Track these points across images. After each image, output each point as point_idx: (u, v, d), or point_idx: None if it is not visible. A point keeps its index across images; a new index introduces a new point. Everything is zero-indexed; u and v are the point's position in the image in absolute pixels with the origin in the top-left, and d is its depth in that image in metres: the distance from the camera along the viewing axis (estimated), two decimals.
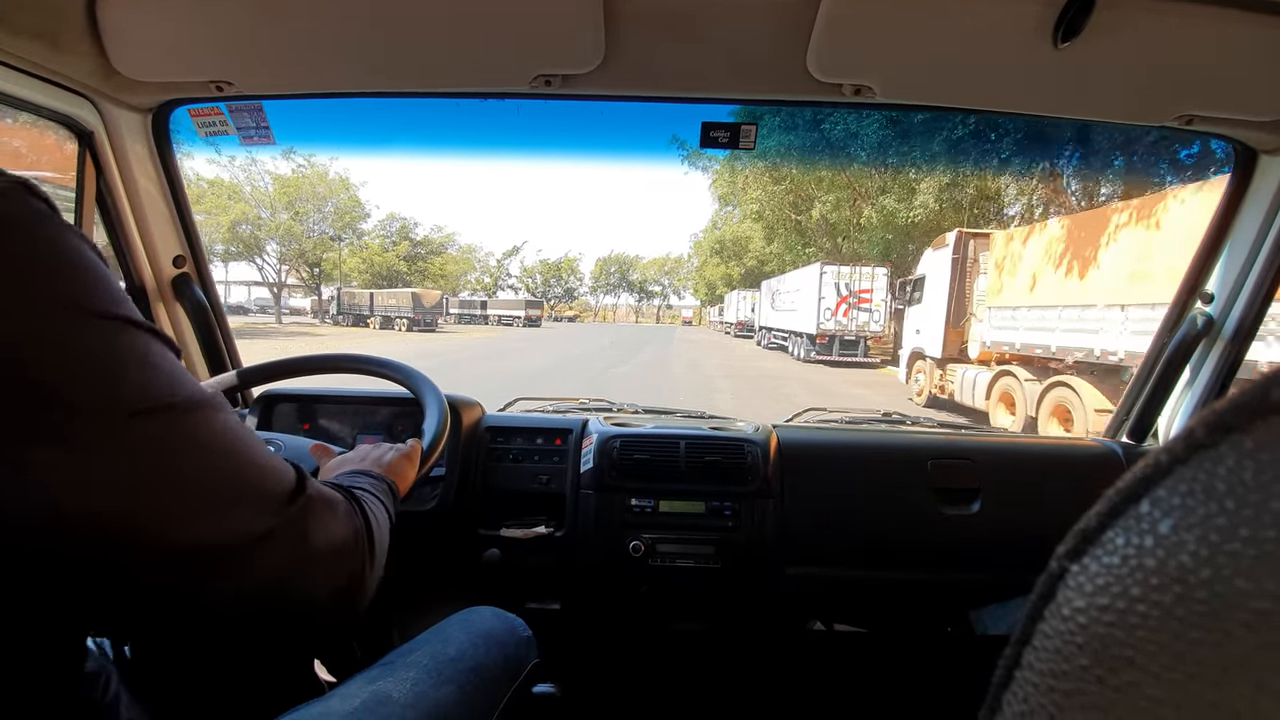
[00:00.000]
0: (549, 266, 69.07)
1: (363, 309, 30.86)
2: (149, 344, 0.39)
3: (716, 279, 43.51)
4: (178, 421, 0.38)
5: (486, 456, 1.36)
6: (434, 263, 44.90)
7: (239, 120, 1.20)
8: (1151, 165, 10.95)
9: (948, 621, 1.57)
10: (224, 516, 0.40)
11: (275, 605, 0.45)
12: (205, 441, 0.40)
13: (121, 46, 0.99)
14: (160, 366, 0.39)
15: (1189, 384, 1.38)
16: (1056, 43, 0.89)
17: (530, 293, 65.49)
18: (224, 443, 0.41)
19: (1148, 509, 0.16)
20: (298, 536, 0.45)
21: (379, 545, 0.57)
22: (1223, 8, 0.87)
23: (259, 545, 0.42)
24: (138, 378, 0.37)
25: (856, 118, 13.46)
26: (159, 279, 1.32)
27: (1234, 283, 1.27)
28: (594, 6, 0.91)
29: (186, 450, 0.39)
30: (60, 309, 0.35)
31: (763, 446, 1.35)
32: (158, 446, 0.37)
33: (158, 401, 0.37)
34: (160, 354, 0.39)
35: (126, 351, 0.37)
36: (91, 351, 0.35)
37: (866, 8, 0.90)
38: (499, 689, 0.81)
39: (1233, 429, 0.14)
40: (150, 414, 0.37)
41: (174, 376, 0.40)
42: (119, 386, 0.36)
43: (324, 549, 0.47)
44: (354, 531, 0.52)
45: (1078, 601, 0.17)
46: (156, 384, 0.38)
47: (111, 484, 0.35)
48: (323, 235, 34.75)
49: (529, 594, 1.38)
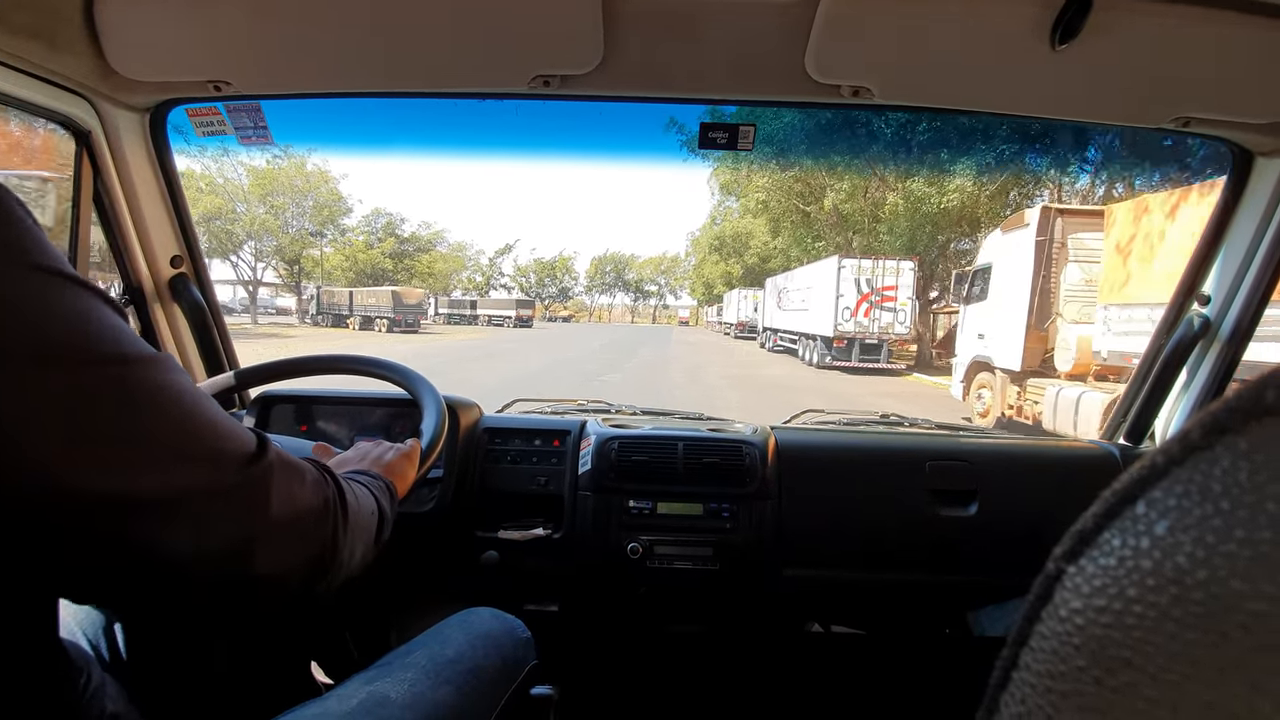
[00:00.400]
0: (544, 265, 67.62)
1: (342, 308, 29.12)
2: (91, 301, 0.39)
3: (715, 277, 42.34)
4: (123, 374, 0.39)
5: (484, 458, 1.36)
6: (421, 260, 43.58)
7: (237, 120, 1.20)
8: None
9: (946, 623, 1.57)
10: (169, 470, 0.40)
11: (241, 570, 0.45)
12: (150, 395, 0.40)
13: (119, 46, 0.99)
14: (105, 322, 0.39)
15: (1186, 385, 1.38)
16: (1054, 45, 0.90)
17: (525, 292, 64.29)
18: (171, 398, 0.41)
19: (1144, 510, 0.16)
20: (259, 498, 0.45)
21: (355, 520, 0.57)
22: (1219, 10, 0.88)
23: (212, 502, 0.42)
24: (80, 329, 0.37)
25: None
26: (156, 279, 1.32)
27: (1230, 284, 1.27)
28: (593, 7, 0.92)
29: (129, 403, 0.39)
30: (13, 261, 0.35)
31: (761, 448, 1.35)
32: (94, 396, 0.37)
33: (99, 354, 0.38)
34: (103, 311, 0.39)
35: (68, 305, 0.37)
36: (27, 302, 0.36)
37: (865, 9, 0.90)
38: (497, 690, 0.81)
39: (1227, 431, 0.14)
40: (91, 364, 0.37)
41: (119, 332, 0.40)
42: (57, 336, 0.36)
43: (287, 514, 0.48)
44: (324, 500, 0.52)
45: (1075, 603, 0.17)
46: (101, 338, 0.38)
47: (39, 430, 0.35)
48: (301, 231, 33.53)
49: (527, 595, 1.38)
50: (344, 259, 37.18)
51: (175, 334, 1.37)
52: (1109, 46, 0.92)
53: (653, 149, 20.92)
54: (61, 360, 0.36)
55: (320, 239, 35.42)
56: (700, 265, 47.91)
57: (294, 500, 0.49)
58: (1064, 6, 0.86)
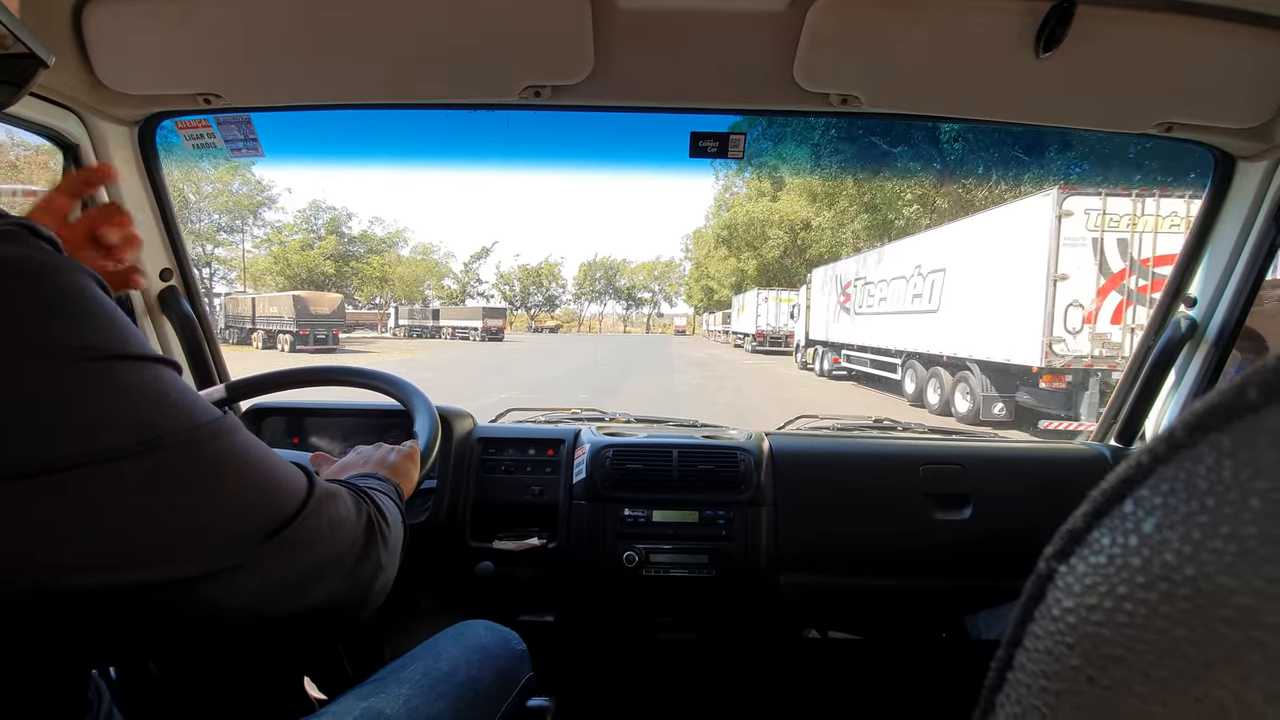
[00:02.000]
0: (529, 272, 61.90)
1: (246, 321, 22.95)
2: (163, 375, 0.39)
3: (723, 275, 35.71)
4: (198, 450, 0.38)
5: (478, 468, 1.35)
6: (372, 263, 37.86)
7: (227, 133, 1.19)
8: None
9: (942, 628, 1.57)
10: (238, 539, 0.39)
11: (298, 606, 0.44)
12: (221, 466, 0.40)
13: (107, 59, 0.99)
14: (184, 395, 0.39)
15: (1175, 387, 1.40)
16: (1038, 53, 0.91)
17: (509, 301, 59.20)
18: (238, 461, 0.41)
19: (1132, 509, 0.16)
20: (312, 535, 0.45)
21: (392, 530, 0.56)
22: (1200, 18, 0.89)
23: (273, 551, 0.42)
24: (160, 411, 0.37)
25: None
26: (145, 292, 1.31)
27: (1216, 287, 1.29)
28: (583, 18, 0.92)
29: (204, 478, 0.38)
30: (77, 352, 0.35)
31: (755, 455, 1.35)
32: (173, 477, 0.37)
33: (180, 432, 0.37)
34: (175, 383, 0.39)
35: (151, 386, 0.37)
36: (115, 391, 0.36)
37: (851, 19, 0.91)
38: (493, 704, 0.80)
39: (1211, 428, 0.15)
40: (167, 448, 0.37)
41: (195, 403, 0.40)
42: (149, 421, 0.36)
43: (338, 542, 0.47)
44: (366, 519, 0.52)
45: (1066, 602, 0.17)
46: (179, 414, 0.38)
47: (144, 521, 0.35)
48: (210, 227, 28.71)
49: (522, 606, 1.37)
50: (273, 261, 32.41)
51: (165, 347, 1.36)
52: (1092, 54, 0.93)
53: (645, 158, 19.47)
54: (144, 446, 0.35)
55: (237, 236, 30.82)
56: (704, 261, 41.61)
57: (341, 526, 0.48)
58: (1047, 15, 0.88)
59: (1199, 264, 1.32)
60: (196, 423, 0.39)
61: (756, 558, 1.30)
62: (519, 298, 61.24)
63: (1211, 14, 0.89)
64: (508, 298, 59.93)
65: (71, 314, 0.35)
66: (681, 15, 0.95)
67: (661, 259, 67.89)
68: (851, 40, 0.95)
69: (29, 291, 0.34)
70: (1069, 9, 0.86)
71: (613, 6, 0.92)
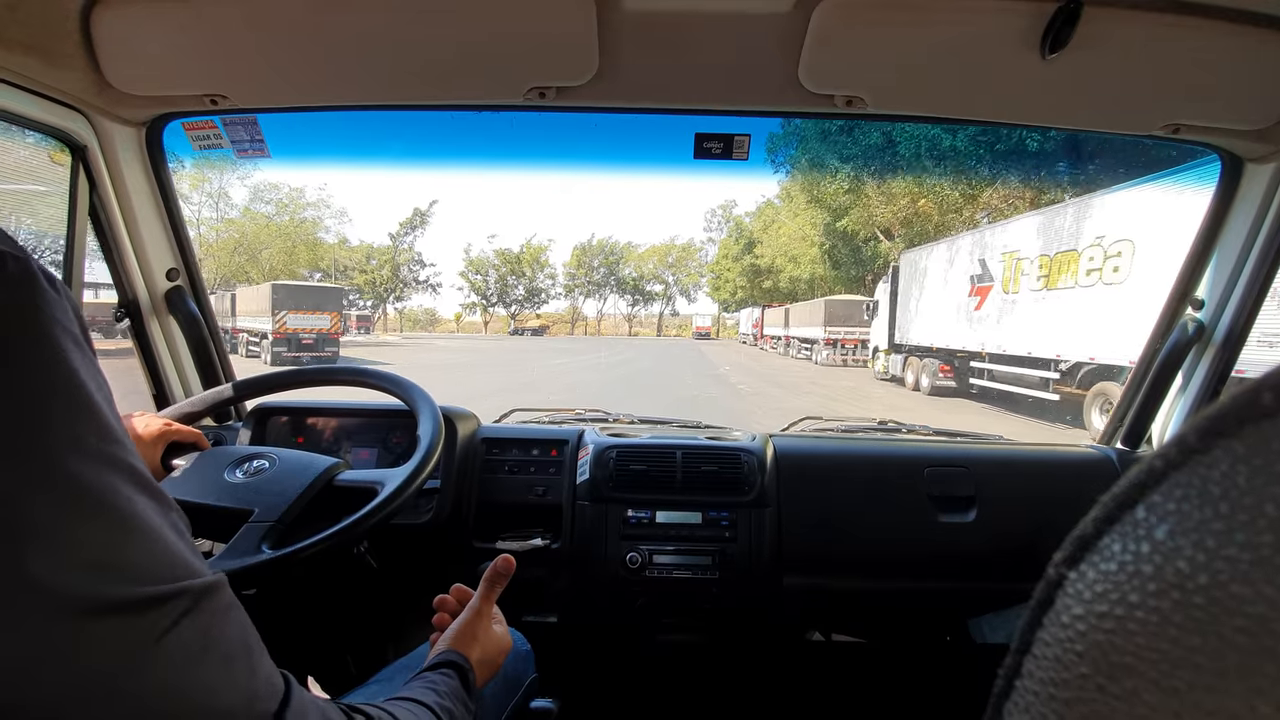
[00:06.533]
0: (507, 258, 47.15)
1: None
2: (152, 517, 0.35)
3: (809, 236, 23.81)
4: (186, 618, 0.34)
5: (482, 469, 1.35)
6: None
7: (234, 134, 1.20)
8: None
9: (946, 630, 1.57)
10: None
11: None
12: (206, 642, 0.35)
13: (115, 61, 0.99)
14: (167, 546, 0.35)
15: (1182, 389, 1.39)
16: (1044, 54, 0.91)
17: (481, 295, 46.82)
18: (219, 636, 0.37)
19: (1144, 515, 0.16)
20: None
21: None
22: (1208, 19, 0.89)
23: None
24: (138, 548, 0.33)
25: None
26: (152, 292, 1.32)
27: (1223, 289, 1.28)
28: (587, 20, 0.92)
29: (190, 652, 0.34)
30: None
31: (759, 456, 1.35)
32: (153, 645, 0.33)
33: (158, 591, 0.33)
34: (158, 531, 0.35)
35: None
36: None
37: (856, 21, 0.91)
38: (497, 705, 0.80)
39: (1224, 433, 0.14)
40: (152, 602, 0.33)
41: (176, 557, 0.35)
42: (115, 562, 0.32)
43: None
44: None
45: (1076, 609, 0.17)
46: (163, 566, 0.34)
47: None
48: None
49: (526, 607, 1.37)
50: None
51: (171, 346, 1.37)
52: (1098, 55, 0.93)
53: (651, 159, 18.13)
54: (114, 605, 0.31)
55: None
56: (772, 225, 30.02)
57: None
58: (1053, 16, 0.87)
59: (1206, 266, 1.32)
60: (181, 587, 0.35)
61: (760, 559, 1.30)
62: (493, 290, 47.82)
63: (1220, 15, 0.88)
64: (480, 291, 47.40)
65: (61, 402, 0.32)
66: (686, 17, 0.95)
67: (678, 241, 53.16)
68: (856, 41, 0.95)
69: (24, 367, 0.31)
70: (1075, 10, 0.86)
71: (618, 8, 0.92)
